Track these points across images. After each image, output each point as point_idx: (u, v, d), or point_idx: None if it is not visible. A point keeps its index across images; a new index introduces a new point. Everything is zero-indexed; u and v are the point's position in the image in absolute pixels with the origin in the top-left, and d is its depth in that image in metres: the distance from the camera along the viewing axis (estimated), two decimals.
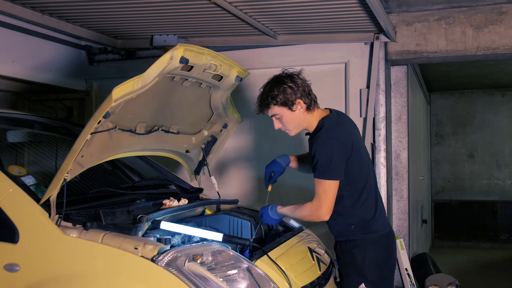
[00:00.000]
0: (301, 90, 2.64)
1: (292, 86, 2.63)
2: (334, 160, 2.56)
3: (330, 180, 2.56)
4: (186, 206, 2.98)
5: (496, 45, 4.37)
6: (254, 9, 3.86)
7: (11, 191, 2.40)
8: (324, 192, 2.56)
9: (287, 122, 2.70)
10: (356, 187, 2.67)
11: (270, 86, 2.67)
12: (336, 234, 2.79)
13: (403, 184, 4.98)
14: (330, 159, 2.55)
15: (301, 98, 2.64)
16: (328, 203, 2.57)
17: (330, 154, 2.56)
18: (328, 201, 2.56)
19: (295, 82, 2.64)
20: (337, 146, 2.58)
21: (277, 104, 2.64)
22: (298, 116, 2.68)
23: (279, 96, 2.62)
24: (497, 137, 9.03)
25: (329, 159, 2.55)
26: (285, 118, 2.68)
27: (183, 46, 2.43)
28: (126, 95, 2.29)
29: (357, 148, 2.67)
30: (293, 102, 2.63)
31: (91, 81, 5.55)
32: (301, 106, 2.65)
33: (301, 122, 2.70)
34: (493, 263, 7.55)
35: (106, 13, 4.08)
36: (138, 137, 2.88)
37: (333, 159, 2.56)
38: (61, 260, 2.27)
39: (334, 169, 2.56)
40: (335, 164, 2.56)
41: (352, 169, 2.62)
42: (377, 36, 4.47)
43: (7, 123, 3.36)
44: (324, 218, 2.59)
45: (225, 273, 2.18)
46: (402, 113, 5.01)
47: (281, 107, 2.65)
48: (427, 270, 5.04)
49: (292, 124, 2.70)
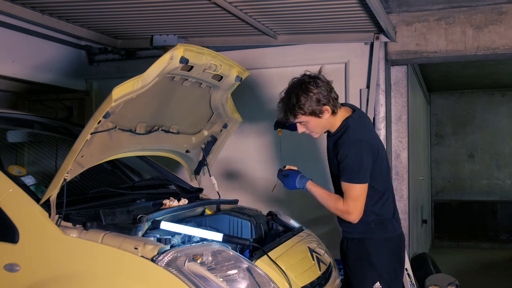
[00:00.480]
0: (327, 96, 2.60)
1: (318, 94, 2.57)
2: (364, 163, 2.56)
3: (360, 184, 2.56)
4: (186, 206, 2.98)
5: (496, 45, 4.37)
6: (254, 9, 3.86)
7: (11, 191, 2.40)
8: (355, 197, 2.57)
9: (313, 127, 2.68)
10: (379, 187, 2.68)
11: (296, 94, 2.58)
12: (351, 230, 2.75)
13: (403, 184, 4.98)
14: (360, 162, 2.55)
15: (328, 104, 2.61)
16: (359, 207, 2.58)
17: (359, 157, 2.56)
18: (359, 205, 2.57)
19: (320, 88, 2.58)
20: (365, 148, 2.58)
21: (305, 114, 2.61)
22: (325, 121, 2.66)
23: (306, 106, 2.58)
24: (497, 137, 9.03)
25: (359, 162, 2.55)
26: (312, 124, 2.66)
27: (183, 46, 2.43)
28: (126, 95, 2.29)
29: (381, 149, 2.69)
30: (320, 110, 2.60)
31: (91, 81, 5.55)
32: (328, 112, 2.62)
33: (326, 125, 2.70)
34: (493, 263, 7.55)
35: (106, 13, 4.08)
36: (138, 137, 2.88)
37: (363, 162, 2.56)
38: (61, 260, 2.27)
39: (364, 173, 2.57)
40: (365, 167, 2.57)
41: (376, 170, 2.63)
42: (377, 36, 4.46)
43: (7, 123, 3.36)
44: (354, 221, 2.60)
45: (225, 273, 2.18)
46: (402, 113, 5.01)
47: (307, 115, 2.62)
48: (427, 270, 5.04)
49: (317, 128, 2.69)
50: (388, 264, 2.69)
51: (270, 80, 4.88)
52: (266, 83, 4.89)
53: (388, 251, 2.69)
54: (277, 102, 2.74)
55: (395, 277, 2.73)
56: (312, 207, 4.59)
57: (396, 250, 2.74)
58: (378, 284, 2.64)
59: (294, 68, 4.65)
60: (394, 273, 2.72)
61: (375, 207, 2.68)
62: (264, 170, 4.91)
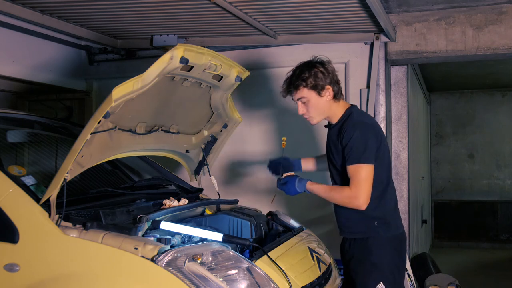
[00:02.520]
0: (331, 77, 2.66)
1: (323, 72, 2.64)
2: (369, 144, 2.56)
3: (367, 164, 2.54)
4: (186, 206, 2.98)
5: (496, 45, 4.37)
6: (254, 9, 3.86)
7: (11, 191, 2.40)
8: (362, 179, 2.53)
9: (313, 107, 2.69)
10: (381, 178, 2.66)
11: (301, 69, 2.67)
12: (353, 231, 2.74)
13: (403, 184, 4.98)
14: (365, 142, 2.55)
15: (331, 85, 2.65)
16: (367, 190, 2.54)
17: (364, 138, 2.56)
18: (367, 188, 2.53)
19: (326, 69, 2.67)
20: (371, 131, 2.60)
21: (306, 87, 2.64)
22: (325, 103, 2.68)
23: (310, 79, 2.63)
24: (497, 137, 9.03)
25: (364, 142, 2.55)
26: (312, 103, 2.67)
27: (183, 46, 2.43)
28: (126, 95, 2.29)
29: (384, 139, 2.69)
30: (322, 87, 2.64)
31: (91, 81, 5.55)
32: (329, 93, 2.66)
33: (326, 109, 2.70)
34: (493, 263, 7.55)
35: (106, 13, 4.08)
36: (138, 137, 2.88)
37: (368, 143, 2.55)
38: (61, 260, 2.27)
39: (370, 153, 2.55)
40: (370, 148, 2.56)
41: (379, 157, 2.62)
42: (377, 36, 4.46)
43: (7, 123, 3.36)
44: (362, 207, 2.55)
45: (225, 273, 2.18)
46: (402, 113, 5.01)
47: (310, 90, 2.65)
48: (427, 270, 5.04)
49: (317, 110, 2.69)
50: (392, 264, 2.68)
51: (270, 80, 4.88)
52: (266, 83, 4.89)
53: (391, 251, 2.68)
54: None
55: (398, 277, 2.72)
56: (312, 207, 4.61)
57: (398, 249, 2.73)
58: (382, 284, 2.62)
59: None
60: (397, 273, 2.71)
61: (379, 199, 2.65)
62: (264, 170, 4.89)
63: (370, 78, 4.53)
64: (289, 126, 4.82)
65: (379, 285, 2.63)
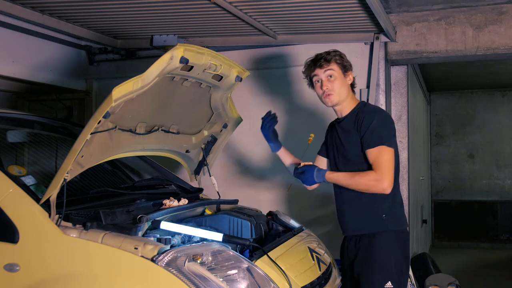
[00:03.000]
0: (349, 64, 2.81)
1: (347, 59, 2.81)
2: (390, 128, 2.63)
3: (390, 147, 2.56)
4: (186, 206, 2.98)
5: (496, 45, 4.37)
6: (254, 9, 3.86)
7: (11, 191, 2.40)
8: (386, 162, 2.53)
9: (337, 85, 2.74)
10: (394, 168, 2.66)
11: (328, 51, 2.79)
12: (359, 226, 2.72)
13: (403, 184, 4.98)
14: (387, 126, 2.60)
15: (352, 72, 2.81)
16: (391, 173, 2.54)
17: (386, 122, 2.62)
18: (391, 171, 2.54)
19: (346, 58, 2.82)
20: (389, 118, 2.69)
21: (337, 63, 2.75)
22: (346, 85, 2.78)
23: (341, 58, 2.77)
24: (497, 137, 9.03)
25: (386, 126, 2.60)
26: (338, 80, 2.75)
27: (183, 46, 2.43)
28: (126, 95, 2.29)
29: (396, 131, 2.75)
30: (348, 69, 2.78)
31: (91, 81, 5.55)
32: (350, 78, 2.79)
33: (345, 92, 2.77)
34: (493, 263, 7.55)
35: (106, 13, 4.09)
36: (138, 137, 2.88)
37: (390, 127, 2.63)
38: (61, 260, 2.27)
39: (392, 138, 2.61)
40: (392, 133, 2.62)
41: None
42: (377, 36, 4.47)
43: (7, 123, 3.36)
44: (387, 190, 2.54)
45: (225, 273, 2.17)
46: (402, 113, 5.01)
47: (339, 67, 2.75)
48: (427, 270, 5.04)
49: (340, 89, 2.75)
50: (398, 263, 2.66)
51: (270, 80, 4.88)
52: (266, 83, 4.89)
53: (397, 248, 2.66)
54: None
55: (404, 276, 2.71)
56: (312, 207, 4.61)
57: (404, 247, 2.72)
58: (390, 283, 2.59)
59: (294, 68, 4.67)
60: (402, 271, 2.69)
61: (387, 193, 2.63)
62: (264, 170, 4.91)
63: (370, 78, 4.53)
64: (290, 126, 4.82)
65: (387, 285, 2.59)
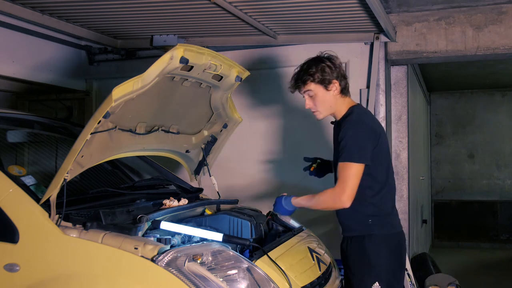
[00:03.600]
0: (338, 71, 2.69)
1: (330, 66, 2.68)
2: (363, 143, 2.58)
3: (357, 163, 2.55)
4: (186, 206, 2.98)
5: (496, 45, 4.37)
6: (254, 9, 3.86)
7: (11, 191, 2.40)
8: (349, 176, 2.54)
9: (319, 102, 2.71)
10: (377, 178, 2.67)
11: (309, 64, 2.71)
12: (349, 228, 2.75)
13: (403, 184, 4.98)
14: (358, 142, 2.57)
15: (337, 79, 2.69)
16: (352, 188, 2.54)
17: (358, 137, 2.58)
18: (352, 185, 2.54)
19: (334, 63, 2.70)
20: (366, 130, 2.62)
21: (314, 81, 2.68)
22: (331, 98, 2.71)
23: (317, 74, 2.66)
24: (497, 137, 9.03)
25: (358, 142, 2.57)
26: (319, 97, 2.70)
27: (183, 46, 2.43)
28: (126, 95, 2.29)
29: (384, 138, 2.70)
30: (329, 81, 2.67)
31: (91, 81, 5.55)
32: (336, 88, 2.69)
33: (332, 104, 2.73)
34: (493, 263, 7.55)
35: (106, 13, 4.08)
36: (138, 137, 2.88)
37: (362, 142, 2.58)
38: (61, 260, 2.27)
39: (362, 153, 2.57)
40: (363, 147, 2.57)
41: (377, 157, 2.63)
42: (377, 36, 4.47)
43: (7, 123, 3.36)
44: (346, 204, 2.55)
45: (225, 273, 2.18)
46: (402, 113, 5.01)
47: (317, 84, 2.68)
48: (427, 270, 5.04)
49: (324, 104, 2.72)
50: (387, 264, 2.67)
51: (270, 80, 4.88)
52: (266, 83, 4.89)
53: (387, 250, 2.68)
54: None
55: (394, 277, 2.71)
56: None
57: (395, 249, 2.73)
58: (377, 284, 2.63)
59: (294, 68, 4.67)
60: (393, 272, 2.71)
61: (374, 198, 2.67)
62: (264, 170, 4.91)
63: (370, 78, 4.54)
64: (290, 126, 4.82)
65: (374, 285, 2.63)
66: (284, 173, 4.77)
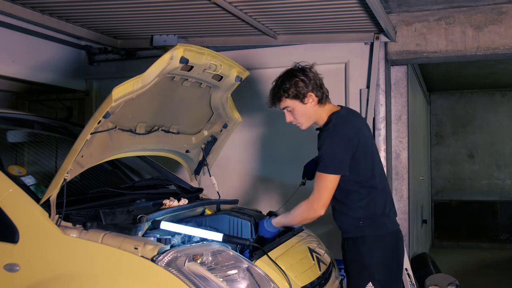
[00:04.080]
0: (312, 83, 2.66)
1: (304, 79, 2.65)
2: (338, 154, 2.57)
3: (331, 174, 2.56)
4: (186, 206, 2.98)
5: (496, 45, 4.37)
6: (254, 9, 3.86)
7: (11, 191, 2.40)
8: (324, 186, 2.57)
9: (299, 115, 2.71)
10: (363, 183, 2.68)
11: (282, 79, 2.69)
12: (344, 230, 2.78)
13: (403, 184, 4.98)
14: (334, 153, 2.57)
15: (313, 91, 2.66)
16: (326, 197, 2.58)
17: (334, 148, 2.57)
18: (326, 195, 2.58)
19: (307, 75, 2.67)
20: (342, 140, 2.60)
21: (288, 97, 2.66)
22: (310, 109, 2.69)
23: (291, 89, 2.65)
24: (497, 137, 9.03)
25: (333, 153, 2.57)
26: (297, 111, 2.70)
27: (183, 46, 2.43)
28: (126, 95, 2.29)
29: (364, 144, 2.67)
30: (304, 95, 2.65)
31: (91, 81, 5.55)
32: (313, 99, 2.68)
33: (312, 115, 2.72)
34: (493, 263, 7.55)
35: (106, 13, 4.08)
36: (138, 137, 2.88)
37: (337, 153, 2.57)
38: (61, 260, 2.27)
39: (337, 163, 2.57)
40: (339, 158, 2.57)
41: (358, 165, 2.62)
42: (377, 36, 4.47)
43: (7, 123, 3.36)
44: (320, 212, 2.59)
45: (225, 273, 2.18)
46: (402, 113, 5.01)
47: (292, 100, 2.67)
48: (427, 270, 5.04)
49: (303, 117, 2.72)
50: (381, 264, 2.67)
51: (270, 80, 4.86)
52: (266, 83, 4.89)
53: (381, 251, 2.68)
54: None
55: (389, 277, 2.71)
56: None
57: (390, 249, 2.72)
58: (370, 284, 2.64)
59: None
60: (390, 272, 2.71)
61: (362, 202, 2.68)
62: (264, 170, 4.92)
63: (370, 78, 4.54)
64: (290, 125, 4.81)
65: (368, 285, 2.64)
66: (284, 173, 4.77)
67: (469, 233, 8.94)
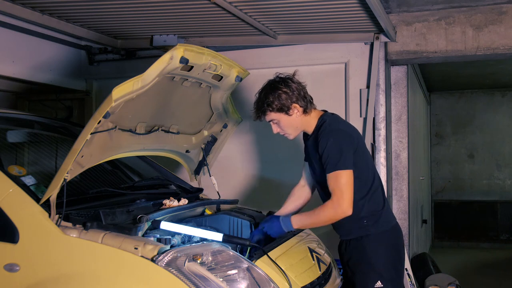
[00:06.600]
0: (296, 94, 2.65)
1: (286, 91, 2.63)
2: (344, 149, 2.57)
3: (345, 170, 2.54)
4: (186, 206, 2.98)
5: (496, 45, 4.37)
6: (254, 9, 3.86)
7: (11, 191, 2.40)
8: (343, 184, 2.52)
9: (285, 127, 2.71)
10: (364, 180, 2.68)
11: (265, 92, 2.67)
12: (346, 232, 2.76)
13: (403, 184, 4.98)
14: (340, 149, 2.56)
15: (297, 102, 2.65)
16: (349, 194, 2.53)
17: (339, 144, 2.57)
18: (349, 192, 2.52)
19: (290, 87, 2.64)
20: (343, 136, 2.61)
21: (273, 111, 2.66)
22: (296, 120, 2.69)
23: (275, 103, 2.63)
24: (497, 137, 9.03)
25: (339, 149, 2.56)
26: (283, 123, 2.69)
27: (183, 46, 2.43)
28: (126, 95, 2.29)
29: (361, 142, 2.70)
30: (289, 107, 2.64)
31: (91, 81, 5.55)
32: (298, 110, 2.66)
33: (299, 125, 2.72)
34: (493, 263, 7.55)
35: (106, 13, 4.09)
36: (138, 137, 2.88)
37: (343, 148, 2.56)
38: (61, 260, 2.27)
39: (347, 159, 2.56)
40: (346, 153, 2.56)
41: (358, 163, 2.62)
42: (377, 36, 4.47)
43: (7, 123, 3.36)
44: (348, 211, 2.53)
45: (225, 273, 2.18)
46: (402, 113, 5.02)
47: (277, 113, 2.66)
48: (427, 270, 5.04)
49: (290, 128, 2.72)
50: (387, 261, 2.69)
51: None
52: None
53: (385, 247, 2.69)
54: None
55: (395, 274, 2.72)
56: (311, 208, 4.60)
57: (393, 245, 2.74)
58: (379, 283, 2.64)
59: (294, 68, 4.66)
60: (394, 269, 2.72)
61: (364, 200, 2.68)
62: (264, 170, 4.91)
63: (370, 78, 4.54)
64: None
65: (376, 285, 2.64)
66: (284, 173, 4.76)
67: (469, 233, 8.94)
